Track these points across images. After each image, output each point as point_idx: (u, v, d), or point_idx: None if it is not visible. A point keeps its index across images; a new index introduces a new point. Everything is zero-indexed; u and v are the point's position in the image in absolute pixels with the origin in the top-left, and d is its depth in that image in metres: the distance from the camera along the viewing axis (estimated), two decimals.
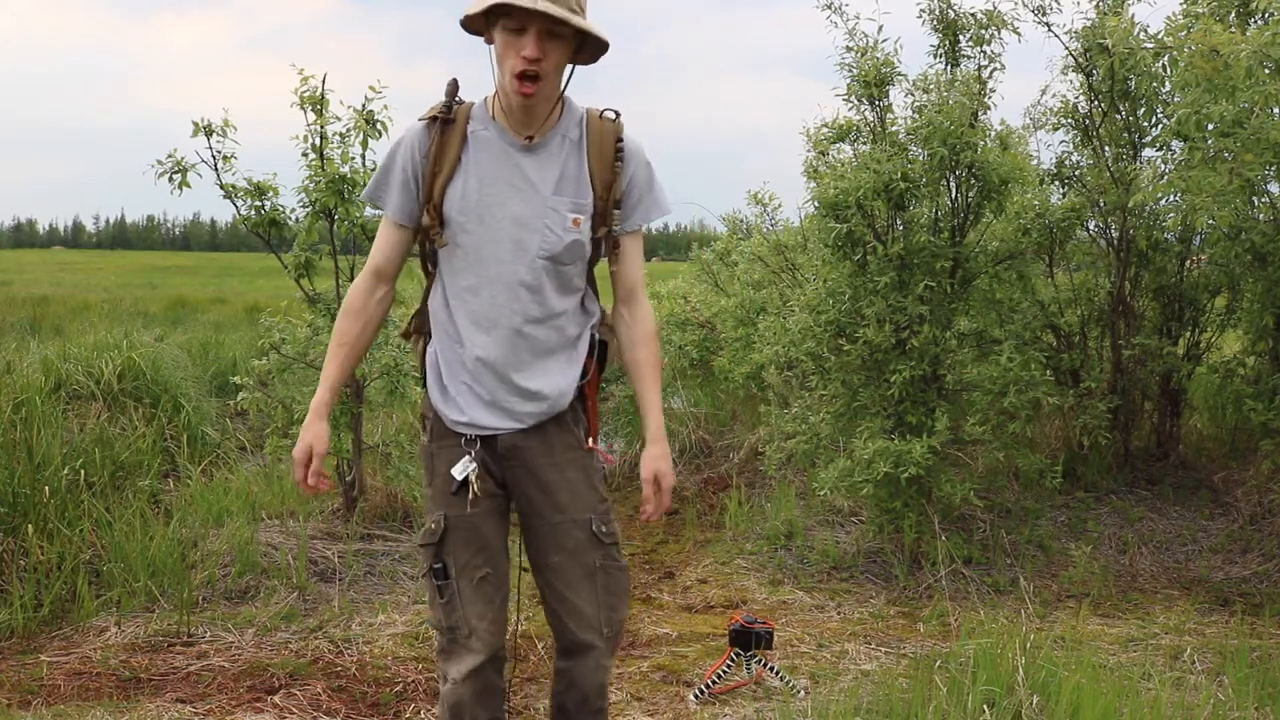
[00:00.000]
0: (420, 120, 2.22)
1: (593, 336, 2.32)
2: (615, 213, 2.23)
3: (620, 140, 2.21)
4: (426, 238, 2.23)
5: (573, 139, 2.20)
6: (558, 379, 2.23)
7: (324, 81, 4.71)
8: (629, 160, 2.22)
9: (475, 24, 2.12)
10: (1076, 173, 5.51)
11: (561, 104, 2.19)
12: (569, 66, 2.16)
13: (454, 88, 2.20)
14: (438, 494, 2.25)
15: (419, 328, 2.37)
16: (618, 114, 2.23)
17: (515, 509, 2.32)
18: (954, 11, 4.85)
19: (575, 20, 2.03)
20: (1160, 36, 4.15)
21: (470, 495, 2.20)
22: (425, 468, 2.29)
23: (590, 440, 2.31)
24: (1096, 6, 5.28)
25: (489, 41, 2.12)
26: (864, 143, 4.97)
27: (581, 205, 2.19)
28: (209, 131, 4.59)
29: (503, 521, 2.31)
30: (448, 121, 2.18)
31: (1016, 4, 4.91)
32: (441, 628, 2.26)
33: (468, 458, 2.21)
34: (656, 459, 2.29)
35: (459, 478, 2.19)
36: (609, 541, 2.29)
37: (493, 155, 2.17)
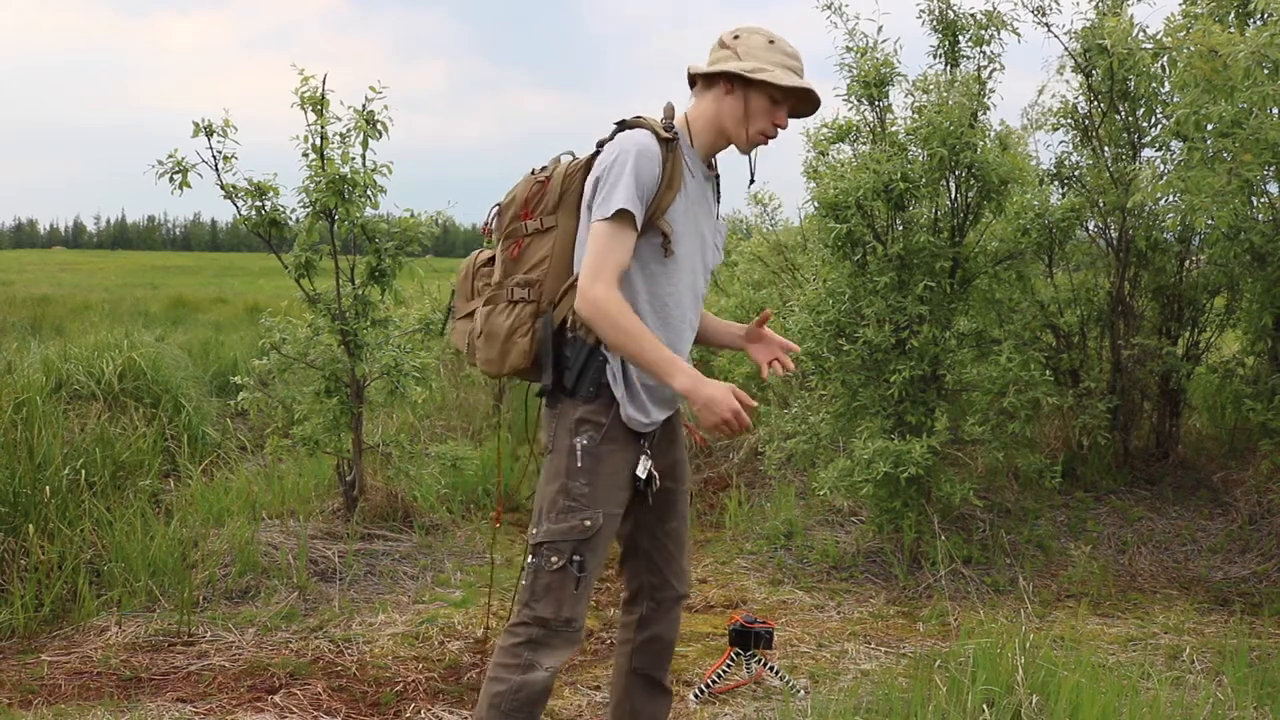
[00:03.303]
0: (649, 134, 2.32)
1: None
2: None
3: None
4: (647, 245, 2.34)
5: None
6: None
7: (324, 82, 4.72)
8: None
9: (709, 79, 2.38)
10: (1076, 173, 5.52)
11: None
12: None
13: (671, 111, 2.39)
14: (600, 493, 2.33)
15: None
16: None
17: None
18: (953, 12, 4.86)
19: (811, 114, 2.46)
20: (1159, 37, 4.15)
21: (653, 489, 2.42)
22: (586, 467, 2.33)
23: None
24: (1096, 7, 5.29)
25: (726, 92, 2.37)
26: (864, 143, 4.97)
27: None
28: (209, 132, 4.59)
29: None
30: (674, 143, 2.36)
31: (1016, 4, 4.93)
32: (555, 619, 2.32)
33: (645, 457, 2.40)
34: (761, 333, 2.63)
35: (643, 475, 2.38)
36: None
37: (695, 179, 2.43)
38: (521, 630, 2.34)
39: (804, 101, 2.43)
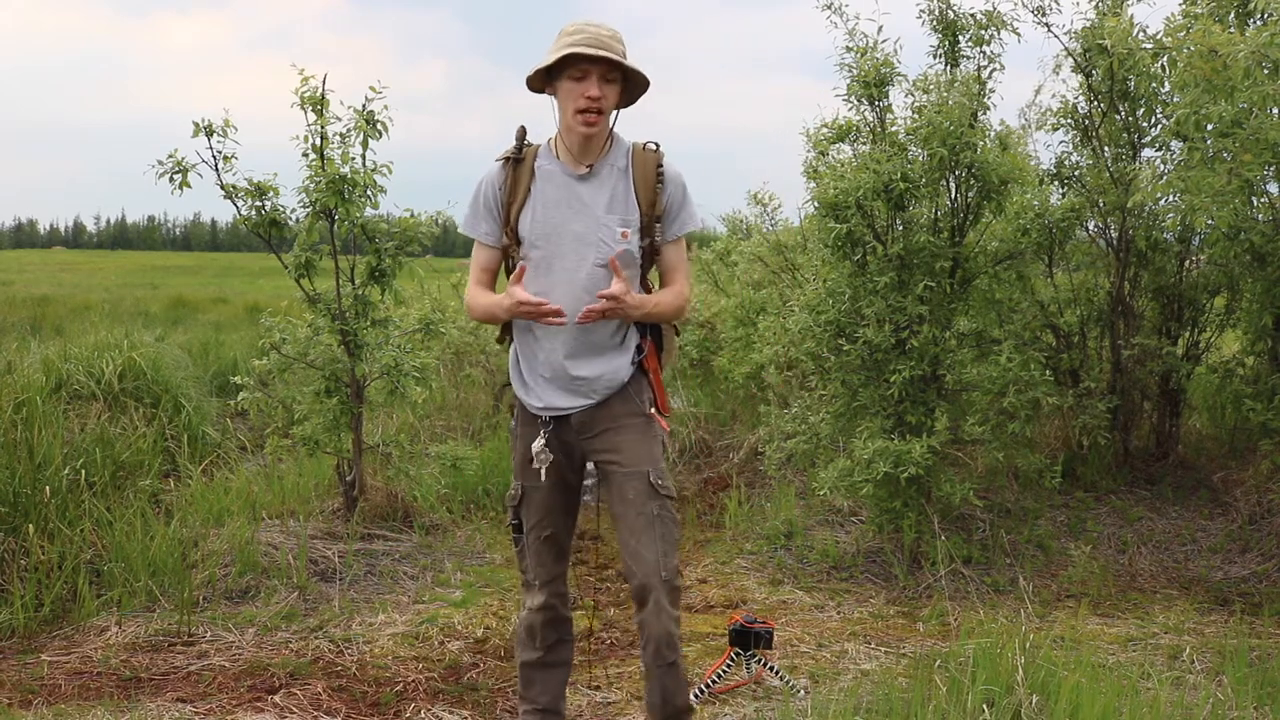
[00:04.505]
0: (497, 161, 2.72)
1: (644, 326, 2.79)
2: (657, 225, 2.71)
3: (660, 167, 2.71)
4: (507, 255, 2.75)
5: (620, 167, 2.70)
6: (611, 363, 2.71)
7: (324, 82, 4.72)
8: (668, 183, 2.72)
9: (536, 82, 2.65)
10: (1076, 173, 5.52)
11: (610, 139, 2.71)
12: (614, 112, 2.68)
13: (523, 133, 2.72)
14: (517, 468, 2.80)
15: (508, 331, 2.84)
16: (658, 145, 2.74)
17: (596, 471, 2.79)
18: (954, 12, 4.86)
19: (629, 64, 2.58)
20: (1159, 37, 4.15)
21: (544, 468, 2.70)
22: (512, 445, 2.85)
23: (653, 409, 2.76)
24: (1096, 7, 5.29)
25: (551, 93, 2.65)
26: (864, 143, 4.97)
27: (629, 220, 2.68)
28: (209, 132, 4.59)
29: (569, 493, 2.81)
30: (518, 160, 2.70)
31: (1016, 4, 4.92)
32: (520, 571, 2.86)
33: (541, 436, 2.70)
34: (626, 292, 2.63)
35: (535, 452, 2.70)
36: (665, 494, 2.70)
37: (555, 185, 2.68)
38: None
39: (630, 81, 2.62)
